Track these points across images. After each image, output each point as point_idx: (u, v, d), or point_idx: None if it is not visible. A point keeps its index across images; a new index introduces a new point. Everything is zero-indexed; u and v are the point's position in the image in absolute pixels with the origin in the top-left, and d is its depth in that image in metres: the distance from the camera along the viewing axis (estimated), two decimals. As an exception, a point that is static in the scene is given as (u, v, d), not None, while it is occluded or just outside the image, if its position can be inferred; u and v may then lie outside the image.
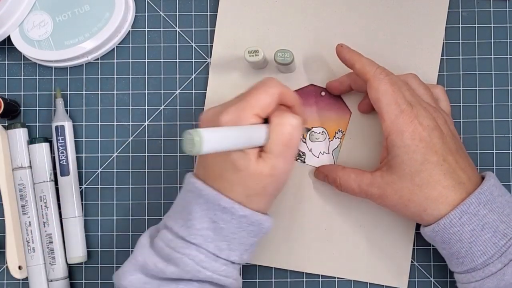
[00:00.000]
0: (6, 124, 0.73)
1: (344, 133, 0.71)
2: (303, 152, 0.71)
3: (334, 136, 0.71)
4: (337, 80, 0.70)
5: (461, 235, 0.61)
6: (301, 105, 0.65)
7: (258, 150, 0.60)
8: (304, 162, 0.71)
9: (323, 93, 0.72)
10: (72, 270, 0.73)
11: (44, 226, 0.71)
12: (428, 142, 0.61)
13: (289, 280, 0.72)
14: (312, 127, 0.71)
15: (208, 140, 0.50)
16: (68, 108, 0.73)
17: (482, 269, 0.61)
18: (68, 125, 0.72)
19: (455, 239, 0.62)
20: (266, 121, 0.61)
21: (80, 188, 0.72)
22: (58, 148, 0.71)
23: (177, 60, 0.73)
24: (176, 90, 0.73)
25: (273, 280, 0.72)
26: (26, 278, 0.72)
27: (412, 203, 0.62)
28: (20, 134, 0.71)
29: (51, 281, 0.71)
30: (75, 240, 0.71)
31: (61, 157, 0.71)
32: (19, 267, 0.72)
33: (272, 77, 0.62)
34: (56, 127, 0.71)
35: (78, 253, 0.71)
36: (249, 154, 0.59)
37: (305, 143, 0.71)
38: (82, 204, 0.72)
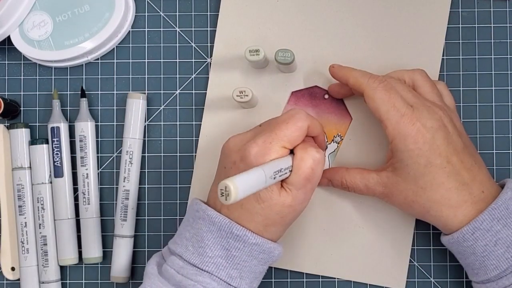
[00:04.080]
0: (8, 124, 0.73)
1: (342, 138, 0.71)
2: None
3: (332, 140, 0.71)
4: (338, 83, 0.70)
5: (474, 249, 0.62)
6: (323, 133, 0.67)
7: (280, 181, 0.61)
8: None
9: (326, 96, 0.72)
10: (67, 272, 0.73)
11: (40, 228, 0.71)
12: (431, 144, 0.61)
13: (289, 280, 0.71)
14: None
15: (242, 188, 0.52)
16: (68, 108, 0.73)
17: (496, 281, 0.61)
18: (63, 127, 0.71)
19: (469, 252, 0.62)
20: (291, 151, 0.62)
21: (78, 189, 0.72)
22: (53, 150, 0.71)
23: (177, 60, 0.73)
24: (176, 90, 0.73)
25: (273, 280, 0.72)
26: (18, 280, 0.72)
27: (416, 204, 0.63)
28: (22, 134, 0.71)
29: (43, 283, 0.71)
30: (67, 242, 0.71)
31: (56, 159, 0.71)
32: (12, 268, 0.72)
33: (301, 110, 0.63)
34: (52, 128, 0.71)
35: (70, 254, 0.71)
36: (273, 186, 0.60)
37: None
38: (76, 205, 0.72)
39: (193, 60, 0.73)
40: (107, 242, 0.73)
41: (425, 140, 0.61)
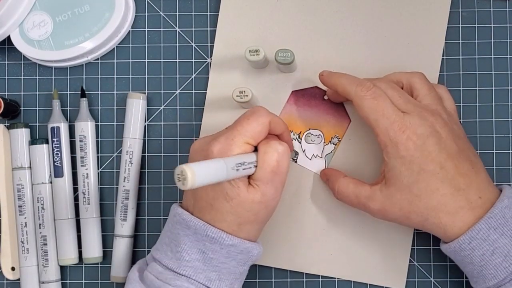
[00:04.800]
0: (8, 124, 0.73)
1: (340, 139, 0.71)
2: (296, 152, 0.71)
3: (330, 141, 0.71)
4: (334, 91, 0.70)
5: (471, 259, 0.61)
6: (288, 131, 0.66)
7: (247, 178, 0.61)
8: (296, 161, 0.71)
9: (325, 97, 0.72)
10: (67, 272, 0.73)
11: (40, 228, 0.71)
12: (423, 150, 0.60)
13: (289, 280, 0.71)
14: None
15: (200, 174, 0.51)
16: (68, 108, 0.73)
17: None
18: (63, 127, 0.71)
19: (467, 261, 0.62)
20: (256, 149, 0.62)
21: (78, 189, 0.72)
22: (53, 150, 0.71)
23: (177, 60, 0.73)
24: (176, 90, 0.73)
25: (273, 280, 0.72)
26: (18, 280, 0.72)
27: (413, 214, 0.62)
28: (22, 134, 0.71)
29: (43, 283, 0.71)
30: (67, 242, 0.71)
31: (56, 159, 0.71)
32: (12, 268, 0.72)
33: (261, 106, 0.63)
34: (52, 128, 0.71)
35: (70, 254, 0.71)
36: (239, 183, 0.60)
37: (300, 143, 0.71)
38: (76, 205, 0.72)
39: (193, 60, 0.73)
40: (107, 242, 0.73)
41: (416, 147, 0.60)
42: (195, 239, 0.61)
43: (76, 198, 0.72)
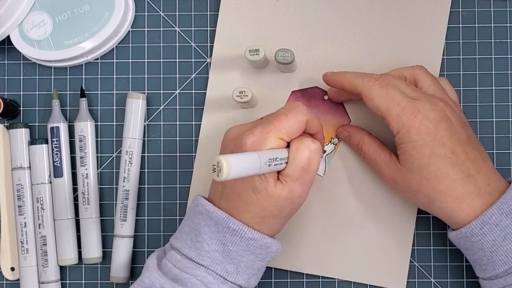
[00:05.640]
0: (7, 124, 0.73)
1: (340, 139, 0.71)
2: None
3: (330, 141, 0.71)
4: (337, 90, 0.70)
5: (482, 244, 0.61)
6: (322, 132, 0.66)
7: (277, 173, 0.61)
8: None
9: (326, 97, 0.72)
10: (67, 272, 0.73)
11: (39, 228, 0.71)
12: (435, 135, 0.61)
13: (289, 280, 0.71)
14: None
15: (235, 167, 0.52)
16: (68, 108, 0.73)
17: (504, 277, 0.61)
18: (63, 127, 0.71)
19: (477, 248, 0.62)
20: (288, 144, 0.62)
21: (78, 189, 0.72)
22: (52, 150, 0.71)
23: (177, 60, 0.73)
24: (176, 90, 0.73)
25: (273, 280, 0.72)
26: (18, 280, 0.72)
27: (420, 193, 0.63)
28: (21, 134, 0.71)
29: (43, 283, 0.71)
30: (67, 242, 0.71)
31: (55, 159, 0.71)
32: (12, 269, 0.72)
33: (300, 103, 0.63)
34: (51, 128, 0.71)
35: (69, 255, 0.71)
36: (268, 177, 0.60)
37: None
38: (75, 205, 0.72)
39: (193, 60, 0.73)
40: (107, 242, 0.73)
41: (428, 131, 0.61)
42: (216, 230, 0.61)
43: (75, 198, 0.72)
